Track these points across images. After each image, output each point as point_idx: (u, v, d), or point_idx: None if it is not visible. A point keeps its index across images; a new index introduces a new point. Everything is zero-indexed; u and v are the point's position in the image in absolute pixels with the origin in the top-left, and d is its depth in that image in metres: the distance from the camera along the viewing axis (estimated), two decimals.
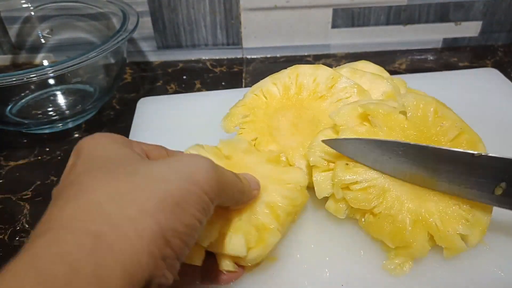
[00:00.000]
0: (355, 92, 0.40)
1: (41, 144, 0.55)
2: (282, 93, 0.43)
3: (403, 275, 0.34)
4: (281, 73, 0.44)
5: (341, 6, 0.66)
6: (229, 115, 0.44)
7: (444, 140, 0.36)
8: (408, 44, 0.71)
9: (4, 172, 0.51)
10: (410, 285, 0.34)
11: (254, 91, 0.44)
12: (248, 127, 0.42)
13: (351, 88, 0.41)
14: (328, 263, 0.36)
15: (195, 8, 0.66)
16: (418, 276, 0.34)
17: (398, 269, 0.35)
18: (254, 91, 0.44)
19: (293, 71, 0.43)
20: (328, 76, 0.42)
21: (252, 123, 0.42)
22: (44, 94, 0.60)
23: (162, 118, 0.54)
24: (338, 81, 0.41)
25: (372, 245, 0.37)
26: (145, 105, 0.57)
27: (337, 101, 0.41)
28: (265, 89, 0.43)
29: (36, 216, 0.45)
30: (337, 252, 0.36)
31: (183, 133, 0.51)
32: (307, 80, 0.42)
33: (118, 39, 0.51)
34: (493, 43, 0.72)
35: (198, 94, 0.61)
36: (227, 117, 0.44)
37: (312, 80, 0.42)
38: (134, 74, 0.69)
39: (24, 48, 0.67)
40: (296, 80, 0.43)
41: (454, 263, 0.35)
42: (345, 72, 0.43)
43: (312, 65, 0.43)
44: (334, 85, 0.41)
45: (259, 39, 0.70)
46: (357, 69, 0.44)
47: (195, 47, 0.71)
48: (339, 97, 0.41)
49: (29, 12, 0.65)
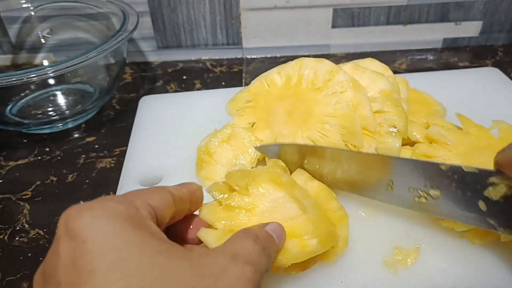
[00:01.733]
0: (350, 86, 0.41)
1: (41, 144, 0.55)
2: (283, 83, 0.44)
3: (403, 271, 0.35)
4: (287, 64, 0.45)
5: (341, 6, 0.66)
6: (233, 99, 0.46)
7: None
8: (408, 44, 0.71)
9: (4, 172, 0.51)
10: (410, 282, 0.34)
11: (260, 79, 0.46)
12: (248, 111, 0.45)
13: (347, 83, 0.41)
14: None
15: (195, 8, 0.66)
16: (419, 272, 0.35)
17: (399, 265, 0.35)
18: (260, 79, 0.46)
19: (298, 63, 0.44)
20: (327, 69, 0.42)
21: (252, 108, 0.45)
22: (44, 94, 0.60)
23: (164, 116, 0.54)
24: (336, 75, 0.42)
25: (371, 242, 0.37)
26: (147, 104, 0.57)
27: (331, 93, 0.41)
28: (269, 77, 0.45)
29: (36, 216, 0.45)
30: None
31: (184, 131, 0.51)
32: (308, 72, 0.43)
33: (118, 39, 0.51)
34: (493, 43, 0.72)
35: (199, 92, 0.61)
36: (231, 100, 0.47)
37: (313, 72, 0.43)
38: (134, 74, 0.69)
39: (24, 48, 0.67)
40: (299, 71, 0.44)
41: (455, 260, 0.35)
42: (348, 68, 0.44)
43: (316, 59, 0.44)
44: (332, 79, 0.42)
45: (259, 39, 0.70)
46: (360, 66, 0.44)
47: (195, 47, 0.71)
48: (334, 90, 0.41)
49: (29, 12, 0.65)
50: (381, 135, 0.40)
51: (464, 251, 0.36)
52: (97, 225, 0.22)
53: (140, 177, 0.45)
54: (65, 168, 0.51)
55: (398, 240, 0.37)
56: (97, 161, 0.51)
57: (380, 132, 0.40)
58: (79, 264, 0.21)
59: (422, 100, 0.50)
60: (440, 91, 0.53)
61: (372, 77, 0.43)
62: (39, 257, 0.41)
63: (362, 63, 0.46)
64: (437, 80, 0.58)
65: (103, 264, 0.21)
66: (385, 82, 0.42)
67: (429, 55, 0.70)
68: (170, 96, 0.60)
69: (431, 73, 0.61)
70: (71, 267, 0.21)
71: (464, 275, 0.34)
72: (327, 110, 0.41)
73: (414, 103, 0.49)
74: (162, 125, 0.53)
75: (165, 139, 0.51)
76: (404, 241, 0.37)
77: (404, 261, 0.35)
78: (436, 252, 0.36)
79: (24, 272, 0.39)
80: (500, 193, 0.29)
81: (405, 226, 0.38)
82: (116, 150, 0.53)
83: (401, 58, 0.70)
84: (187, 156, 0.46)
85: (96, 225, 0.22)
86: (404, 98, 0.44)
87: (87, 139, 0.55)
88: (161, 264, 0.22)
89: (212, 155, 0.43)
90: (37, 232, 0.43)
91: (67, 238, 0.22)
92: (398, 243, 0.37)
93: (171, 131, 0.52)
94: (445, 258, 0.35)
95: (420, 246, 0.36)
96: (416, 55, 0.70)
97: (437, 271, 0.35)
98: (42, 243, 0.42)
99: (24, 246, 0.42)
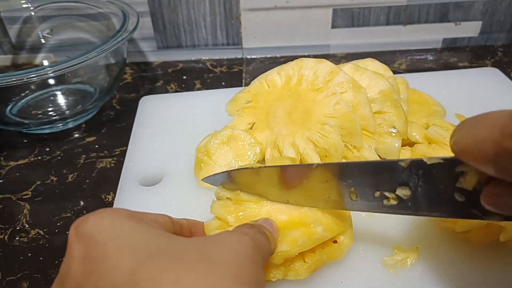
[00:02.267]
0: (350, 87, 0.41)
1: (41, 144, 0.55)
2: (283, 83, 0.44)
3: (403, 271, 0.35)
4: (287, 65, 0.45)
5: (341, 6, 0.66)
6: (233, 99, 0.46)
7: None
8: (408, 44, 0.71)
9: (4, 172, 0.51)
10: (410, 282, 0.34)
11: (260, 79, 0.46)
12: (248, 111, 0.45)
13: (347, 84, 0.41)
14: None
15: (195, 8, 0.67)
16: (419, 272, 0.35)
17: (399, 266, 0.35)
18: (260, 79, 0.46)
19: (298, 64, 0.44)
20: (328, 70, 0.42)
21: (252, 109, 0.45)
22: (44, 94, 0.60)
23: (164, 116, 0.54)
24: (336, 76, 0.42)
25: (371, 242, 0.37)
26: (147, 103, 0.57)
27: (331, 94, 0.41)
28: (269, 78, 0.45)
29: (36, 216, 0.45)
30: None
31: (185, 131, 0.51)
32: (308, 73, 0.43)
33: (118, 39, 0.51)
34: (493, 43, 0.72)
35: (200, 92, 0.61)
36: (231, 101, 0.46)
37: (313, 73, 0.43)
38: (134, 74, 0.69)
39: (24, 48, 0.67)
40: (299, 72, 0.44)
41: (454, 261, 0.35)
42: (348, 68, 0.44)
43: (316, 59, 0.44)
44: (332, 79, 0.42)
45: (259, 39, 0.70)
46: (360, 66, 0.44)
47: (195, 47, 0.71)
48: (334, 91, 0.41)
49: (29, 12, 0.65)
50: (380, 136, 0.40)
51: (464, 252, 0.36)
52: (104, 222, 0.24)
53: (140, 177, 0.45)
54: (65, 168, 0.51)
55: (398, 241, 0.37)
56: (97, 161, 0.51)
57: (379, 133, 0.40)
58: (92, 254, 0.23)
59: (421, 101, 0.50)
60: (440, 91, 0.53)
61: (372, 78, 0.43)
62: (39, 257, 0.41)
63: (362, 63, 0.46)
64: (437, 80, 0.58)
65: (113, 247, 0.23)
66: (385, 83, 0.42)
67: (429, 55, 0.70)
68: (171, 96, 0.60)
69: (431, 73, 0.61)
70: (85, 260, 0.23)
71: (464, 276, 0.34)
72: (327, 110, 0.41)
73: (414, 104, 0.49)
74: (162, 125, 0.53)
75: (165, 139, 0.51)
76: (404, 241, 0.37)
77: (404, 261, 0.35)
78: (436, 252, 0.36)
79: (24, 272, 0.39)
80: (472, 182, 0.26)
81: (404, 226, 0.38)
82: (116, 150, 0.53)
83: (401, 58, 0.70)
84: (187, 156, 0.47)
85: (103, 223, 0.24)
86: (404, 98, 0.44)
87: (87, 139, 0.55)
88: (165, 240, 0.25)
89: (211, 156, 0.43)
90: (37, 232, 0.43)
91: (78, 241, 0.24)
92: (398, 243, 0.37)
93: (172, 131, 0.52)
94: (445, 259, 0.35)
95: (420, 247, 0.36)
96: (416, 55, 0.70)
97: (436, 272, 0.35)
98: (42, 243, 0.42)
99: (24, 246, 0.42)
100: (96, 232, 0.24)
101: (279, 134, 0.42)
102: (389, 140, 0.40)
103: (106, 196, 0.47)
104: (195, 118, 0.53)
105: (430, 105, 0.49)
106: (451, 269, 0.35)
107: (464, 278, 0.34)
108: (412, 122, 0.44)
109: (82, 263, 0.23)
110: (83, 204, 0.46)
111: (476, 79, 0.58)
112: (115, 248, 0.23)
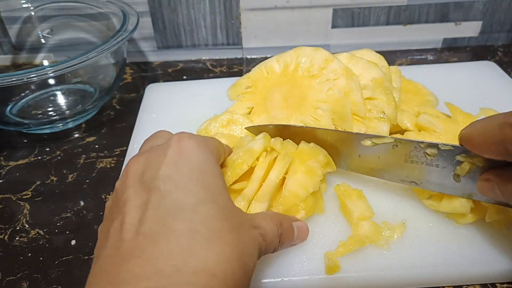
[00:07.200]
0: (343, 74, 0.43)
1: (41, 144, 0.55)
2: (282, 70, 0.47)
3: (390, 245, 0.36)
4: (286, 53, 0.47)
5: (341, 6, 0.66)
6: (234, 85, 0.49)
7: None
8: (408, 44, 0.71)
9: (4, 172, 0.51)
10: (396, 255, 0.35)
11: (260, 66, 0.49)
12: (247, 96, 0.48)
13: (340, 71, 0.43)
14: (318, 233, 0.38)
15: (195, 8, 0.67)
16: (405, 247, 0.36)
17: (386, 240, 0.36)
18: (260, 66, 0.49)
19: (296, 52, 0.47)
20: (323, 58, 0.44)
21: (252, 94, 0.47)
22: (44, 94, 0.60)
23: (169, 101, 0.57)
24: (330, 63, 0.44)
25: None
26: (153, 90, 0.60)
27: (325, 80, 0.43)
28: (269, 65, 0.48)
29: (36, 216, 0.45)
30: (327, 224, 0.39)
31: (187, 116, 0.54)
32: (305, 60, 0.45)
33: (118, 39, 0.51)
34: (493, 43, 0.72)
35: (204, 81, 0.63)
36: (233, 86, 0.49)
37: (309, 61, 0.45)
38: (134, 74, 0.69)
39: (24, 48, 0.68)
40: (296, 60, 0.46)
41: (438, 237, 0.37)
42: (343, 57, 0.46)
43: (313, 48, 0.46)
44: (326, 67, 0.44)
45: (259, 39, 0.70)
46: (355, 56, 0.46)
47: (195, 47, 0.71)
48: (328, 77, 0.43)
49: (29, 12, 0.65)
50: (370, 120, 0.42)
51: (448, 230, 0.37)
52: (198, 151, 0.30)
53: None
54: (65, 168, 0.51)
55: (385, 216, 0.39)
56: (97, 161, 0.51)
57: (369, 118, 0.42)
58: (180, 165, 0.29)
59: (415, 91, 0.51)
60: (434, 82, 0.55)
61: (365, 66, 0.45)
62: (39, 257, 0.41)
63: (359, 53, 0.48)
64: (435, 73, 0.59)
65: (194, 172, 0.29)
66: (377, 71, 0.44)
67: (429, 55, 0.70)
68: (175, 84, 0.62)
69: (429, 65, 0.62)
70: (174, 166, 0.28)
71: (446, 251, 0.36)
72: (320, 96, 0.43)
73: (408, 93, 0.50)
74: (167, 109, 0.55)
75: (168, 123, 0.52)
76: (391, 217, 0.38)
77: (391, 236, 0.37)
78: (421, 228, 0.38)
79: (24, 272, 0.39)
80: (464, 170, 0.34)
81: (391, 203, 0.40)
82: (116, 150, 0.53)
83: (401, 58, 0.70)
84: None
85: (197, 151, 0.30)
86: (397, 87, 0.46)
87: (87, 139, 0.55)
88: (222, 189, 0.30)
89: None
90: (37, 232, 0.43)
91: (177, 149, 0.30)
92: (385, 218, 0.38)
93: (175, 117, 0.54)
94: (429, 235, 0.37)
95: (406, 222, 0.38)
96: (416, 55, 0.70)
97: (420, 246, 0.36)
98: (42, 243, 0.42)
99: (24, 246, 0.42)
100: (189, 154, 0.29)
101: (275, 117, 0.44)
102: (378, 124, 0.42)
103: (106, 196, 0.47)
104: (197, 105, 0.56)
105: (423, 95, 0.51)
106: (434, 245, 0.36)
107: (446, 254, 0.36)
108: (404, 110, 0.46)
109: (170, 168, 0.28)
110: (83, 204, 0.46)
111: (474, 72, 0.59)
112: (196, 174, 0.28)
